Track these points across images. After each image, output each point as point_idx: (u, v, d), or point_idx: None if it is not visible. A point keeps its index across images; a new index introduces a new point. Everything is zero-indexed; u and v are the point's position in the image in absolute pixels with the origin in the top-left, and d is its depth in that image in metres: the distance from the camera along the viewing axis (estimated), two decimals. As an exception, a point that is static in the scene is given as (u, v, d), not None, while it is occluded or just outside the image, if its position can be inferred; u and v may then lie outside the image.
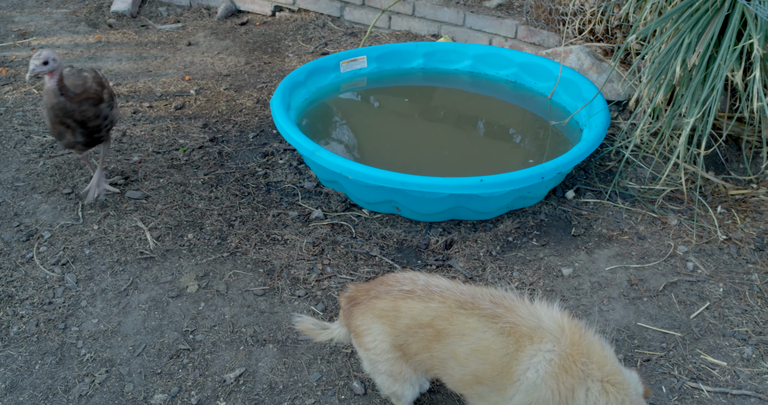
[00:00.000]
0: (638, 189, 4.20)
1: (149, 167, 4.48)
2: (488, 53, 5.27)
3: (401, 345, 2.40)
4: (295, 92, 4.72)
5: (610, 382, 2.19)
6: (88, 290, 3.49)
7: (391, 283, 2.47)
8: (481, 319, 2.27)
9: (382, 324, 2.41)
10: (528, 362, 2.20)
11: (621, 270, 3.60)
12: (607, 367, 2.20)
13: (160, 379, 3.01)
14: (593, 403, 2.18)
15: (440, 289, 2.38)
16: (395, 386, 2.52)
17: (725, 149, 4.41)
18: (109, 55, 6.17)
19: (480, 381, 2.30)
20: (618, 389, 2.18)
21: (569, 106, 4.77)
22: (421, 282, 2.43)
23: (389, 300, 2.41)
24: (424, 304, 2.35)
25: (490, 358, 2.24)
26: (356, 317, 2.49)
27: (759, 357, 3.08)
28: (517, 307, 2.30)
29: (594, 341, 2.26)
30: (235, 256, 3.71)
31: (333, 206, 4.08)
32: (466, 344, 2.27)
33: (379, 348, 2.44)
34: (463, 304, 2.32)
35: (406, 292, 2.40)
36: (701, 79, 3.86)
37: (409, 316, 2.36)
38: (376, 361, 2.48)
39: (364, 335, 2.46)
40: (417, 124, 4.80)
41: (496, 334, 2.24)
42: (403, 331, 2.37)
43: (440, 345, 2.32)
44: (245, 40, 6.53)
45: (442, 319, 2.31)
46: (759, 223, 3.89)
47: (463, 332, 2.28)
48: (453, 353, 2.30)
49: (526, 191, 3.77)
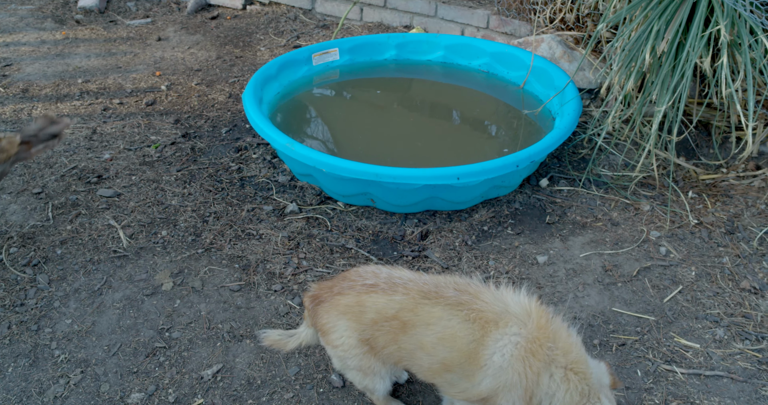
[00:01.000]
0: (611, 176, 4.24)
1: (121, 164, 4.42)
2: (460, 43, 5.27)
3: (368, 339, 2.39)
4: (267, 86, 4.69)
5: (573, 370, 2.21)
6: (61, 291, 3.44)
7: (354, 278, 2.46)
8: (445, 308, 2.28)
9: (348, 320, 2.41)
10: (494, 346, 2.22)
11: (595, 256, 3.63)
12: (571, 355, 2.22)
13: (136, 378, 2.99)
14: (554, 389, 2.20)
15: (403, 281, 2.39)
16: (366, 380, 2.52)
17: (696, 135, 4.46)
18: (77, 52, 6.06)
19: (449, 369, 2.31)
20: (580, 378, 2.20)
21: (542, 94, 4.79)
22: (384, 275, 2.43)
23: (353, 295, 2.40)
24: (388, 297, 2.35)
25: (457, 346, 2.25)
26: (321, 316, 2.48)
27: (731, 338, 3.13)
28: (482, 293, 2.31)
29: (561, 327, 2.28)
30: (210, 252, 3.68)
31: (308, 200, 4.07)
32: (432, 334, 2.28)
33: (346, 344, 2.43)
34: (427, 294, 2.32)
35: (369, 286, 2.39)
36: (671, 66, 3.90)
37: (374, 310, 2.35)
38: (344, 358, 2.48)
39: (330, 333, 2.46)
40: (391, 115, 4.79)
41: (461, 321, 2.25)
42: (369, 325, 2.37)
43: (407, 336, 2.32)
44: (216, 34, 6.46)
45: (407, 311, 2.31)
46: (729, 207, 3.94)
47: (428, 322, 2.29)
48: (420, 343, 2.31)
49: (501, 180, 3.79)
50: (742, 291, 3.38)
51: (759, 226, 3.78)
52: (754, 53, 3.65)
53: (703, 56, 3.80)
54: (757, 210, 3.91)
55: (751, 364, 3.00)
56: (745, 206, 3.94)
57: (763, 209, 3.91)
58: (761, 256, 3.59)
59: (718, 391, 2.88)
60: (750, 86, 3.62)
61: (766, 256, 3.58)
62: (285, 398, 2.88)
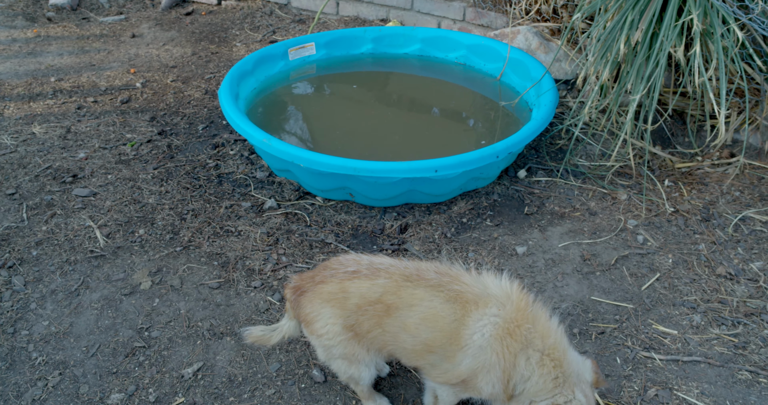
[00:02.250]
0: (588, 166, 4.26)
1: (96, 163, 4.37)
2: (437, 36, 5.27)
3: (353, 325, 2.40)
4: (243, 82, 4.65)
5: (549, 355, 2.23)
6: (38, 292, 3.40)
7: (335, 266, 2.47)
8: (427, 289, 2.31)
9: (332, 307, 2.41)
10: (474, 326, 2.25)
11: (574, 246, 3.65)
12: (549, 340, 2.25)
13: (116, 379, 2.96)
14: (529, 373, 2.23)
15: (385, 266, 2.41)
16: (351, 369, 2.52)
17: (671, 124, 4.50)
18: (49, 50, 5.98)
19: (431, 349, 2.33)
20: (555, 365, 2.22)
21: (518, 86, 4.81)
22: (365, 262, 2.45)
23: (336, 283, 2.41)
24: (371, 281, 2.37)
25: (439, 326, 2.28)
26: (305, 306, 2.48)
27: (707, 324, 3.17)
28: (463, 276, 2.35)
29: (541, 312, 2.30)
30: (188, 250, 3.65)
31: (286, 195, 4.05)
32: (415, 314, 2.30)
33: (331, 331, 2.43)
34: (409, 277, 2.35)
35: (352, 272, 2.41)
36: (645, 56, 3.93)
37: (357, 295, 2.37)
38: (329, 346, 2.48)
39: (315, 322, 2.45)
40: (368, 109, 4.77)
41: (443, 301, 2.28)
42: (354, 310, 2.38)
43: (390, 319, 2.34)
44: (191, 30, 6.40)
45: (390, 294, 2.33)
46: (704, 195, 3.99)
47: (411, 303, 2.31)
48: (403, 325, 2.33)
49: (479, 172, 3.79)
50: (718, 277, 3.42)
51: (734, 213, 3.83)
52: (726, 42, 3.68)
53: (676, 45, 3.83)
54: (731, 197, 3.95)
55: (728, 348, 3.04)
56: (720, 193, 3.98)
57: (737, 196, 3.95)
58: (736, 242, 3.63)
59: (695, 376, 2.91)
60: (722, 75, 3.66)
61: (741, 243, 3.63)
62: (266, 395, 2.87)
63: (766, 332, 3.10)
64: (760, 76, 4.03)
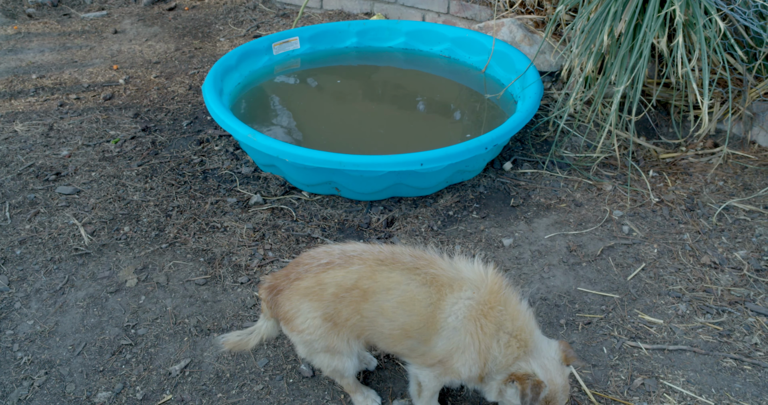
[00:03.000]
0: (574, 157, 4.28)
1: (80, 161, 4.33)
2: (421, 29, 5.26)
3: (332, 315, 2.41)
4: (227, 77, 4.62)
5: (516, 337, 2.28)
6: (22, 291, 3.37)
7: (308, 261, 2.47)
8: (403, 272, 2.33)
9: (310, 301, 2.41)
10: (449, 310, 2.28)
11: (560, 237, 3.67)
12: (518, 322, 2.29)
13: (102, 377, 2.94)
14: (499, 352, 2.28)
15: (358, 253, 2.42)
16: (335, 361, 2.52)
17: (655, 115, 4.52)
18: (30, 47, 5.91)
19: (408, 334, 2.35)
20: (520, 345, 2.28)
21: (503, 78, 4.81)
22: (337, 252, 2.45)
23: (311, 277, 2.42)
24: (345, 269, 2.38)
25: (416, 309, 2.30)
26: (283, 304, 2.47)
27: (692, 313, 3.19)
28: (437, 261, 2.38)
29: (512, 295, 2.35)
30: (174, 247, 3.63)
31: (272, 190, 4.03)
32: (392, 298, 2.32)
33: (312, 326, 2.43)
34: (384, 261, 2.37)
35: (325, 264, 2.42)
36: (629, 47, 3.94)
37: (333, 284, 2.38)
38: (311, 341, 2.48)
39: (294, 318, 2.45)
40: (354, 103, 4.76)
41: (419, 285, 2.31)
42: (331, 300, 2.38)
43: (368, 304, 2.35)
44: (174, 25, 6.35)
45: (365, 279, 2.34)
46: (689, 185, 4.01)
47: (388, 287, 2.33)
48: (381, 309, 2.34)
49: (464, 165, 3.80)
50: (703, 266, 3.45)
51: (718, 203, 3.85)
52: (709, 32, 3.70)
53: (659, 36, 3.84)
54: (715, 187, 3.98)
55: (713, 336, 3.06)
56: (704, 183, 4.01)
57: (721, 186, 3.98)
58: (720, 231, 3.66)
59: (681, 365, 2.94)
60: (705, 65, 3.68)
61: (725, 232, 3.66)
62: (255, 390, 2.86)
63: (751, 320, 3.13)
64: (742, 67, 4.05)
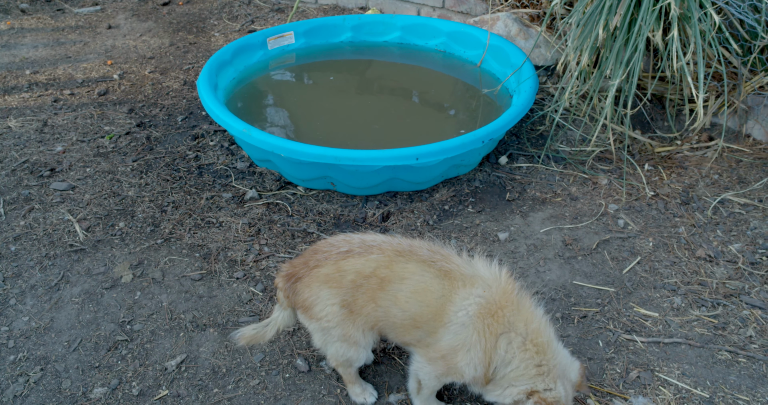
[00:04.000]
0: (569, 151, 4.28)
1: (74, 157, 4.32)
2: (416, 24, 5.25)
3: (349, 302, 2.42)
4: (222, 72, 4.61)
5: (532, 341, 2.25)
6: (17, 288, 3.36)
7: (327, 249, 2.48)
8: (419, 264, 2.34)
9: (330, 288, 2.43)
10: (460, 304, 2.28)
11: (555, 231, 3.67)
12: (533, 325, 2.27)
13: (98, 373, 2.94)
14: (511, 356, 2.25)
15: (377, 243, 2.44)
16: (351, 351, 2.54)
17: (650, 108, 4.52)
18: (23, 42, 5.88)
19: (417, 325, 2.36)
20: (538, 350, 2.25)
21: (499, 73, 4.80)
22: (357, 241, 2.47)
23: (330, 264, 2.43)
24: (365, 257, 2.40)
25: (427, 300, 2.31)
26: (302, 291, 2.47)
27: (688, 306, 3.20)
28: (454, 257, 2.39)
29: (526, 299, 2.33)
30: (169, 242, 3.62)
31: (267, 185, 4.02)
32: (406, 288, 2.33)
33: (330, 313, 2.45)
34: (402, 252, 2.38)
35: (345, 252, 2.43)
36: (624, 40, 3.94)
37: (353, 271, 2.39)
38: (329, 329, 2.49)
39: (314, 306, 2.46)
40: (349, 98, 4.75)
41: (433, 277, 2.32)
42: (350, 287, 2.40)
43: (383, 292, 2.37)
44: (168, 20, 6.32)
45: (383, 268, 2.36)
46: (684, 178, 4.02)
47: (403, 276, 2.34)
48: (395, 298, 2.35)
49: (460, 159, 3.79)
50: (698, 259, 3.45)
51: (713, 196, 3.86)
52: (704, 26, 3.70)
53: (654, 30, 3.84)
54: (710, 180, 3.99)
55: (708, 329, 3.07)
56: (699, 177, 4.02)
57: (716, 179, 3.99)
58: (715, 224, 3.67)
59: (676, 358, 2.95)
60: (700, 59, 3.68)
61: (720, 225, 3.66)
62: (251, 385, 2.86)
63: (745, 313, 3.14)
64: (737, 60, 4.05)
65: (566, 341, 3.03)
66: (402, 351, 3.00)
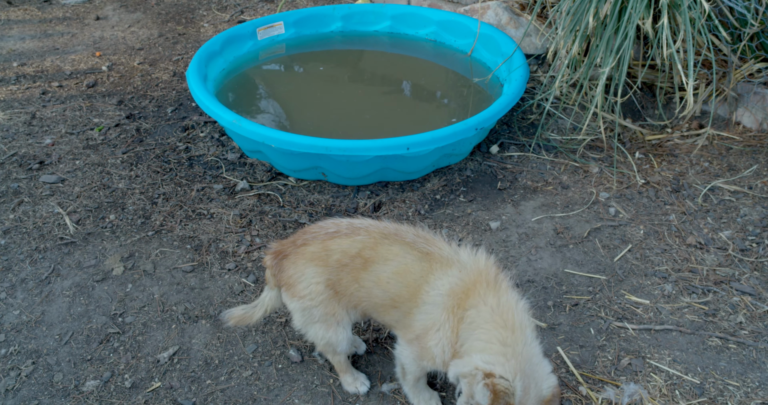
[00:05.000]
0: (560, 140, 4.28)
1: (63, 149, 4.29)
2: (407, 13, 5.22)
3: (334, 282, 2.44)
4: (211, 62, 4.58)
5: (502, 315, 2.11)
6: (7, 281, 3.34)
7: (315, 230, 2.50)
8: (403, 246, 2.35)
9: (315, 266, 2.44)
10: (434, 284, 2.28)
11: (547, 220, 3.68)
12: (506, 303, 2.15)
13: (90, 366, 2.93)
14: (477, 324, 2.13)
15: (364, 226, 2.46)
16: (329, 333, 2.54)
17: (641, 96, 4.53)
18: (10, 34, 5.82)
19: (395, 305, 2.37)
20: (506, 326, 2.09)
21: (489, 62, 4.79)
22: (345, 223, 2.49)
23: (317, 243, 2.45)
24: (351, 238, 2.42)
25: (407, 281, 2.32)
26: (287, 268, 2.49)
27: (678, 293, 3.22)
28: (439, 241, 2.39)
29: (505, 282, 2.24)
30: (160, 234, 3.61)
31: (258, 176, 4.01)
32: (389, 269, 2.35)
33: (314, 291, 2.46)
34: (387, 235, 2.40)
35: (332, 233, 2.45)
36: (614, 29, 3.93)
37: (339, 251, 2.41)
38: (310, 308, 2.49)
39: (297, 283, 2.47)
40: (339, 88, 4.73)
41: (415, 258, 2.33)
42: (335, 266, 2.42)
43: (366, 273, 2.38)
44: (157, 11, 6.27)
45: (368, 249, 2.38)
46: (674, 166, 4.03)
47: (387, 257, 2.35)
48: (377, 279, 2.37)
49: (451, 148, 3.79)
50: (689, 247, 3.47)
51: (703, 184, 3.87)
52: (693, 13, 3.70)
53: (644, 17, 3.83)
54: (701, 168, 4.00)
55: (698, 316, 3.09)
56: (689, 164, 4.03)
57: (706, 167, 4.00)
58: (705, 212, 3.68)
59: (667, 345, 2.96)
60: (690, 46, 3.68)
61: (710, 212, 3.68)
62: (244, 376, 2.86)
63: (735, 299, 3.16)
64: (726, 48, 4.06)
65: (558, 329, 3.04)
66: (395, 340, 3.01)
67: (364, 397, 2.77)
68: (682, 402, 2.72)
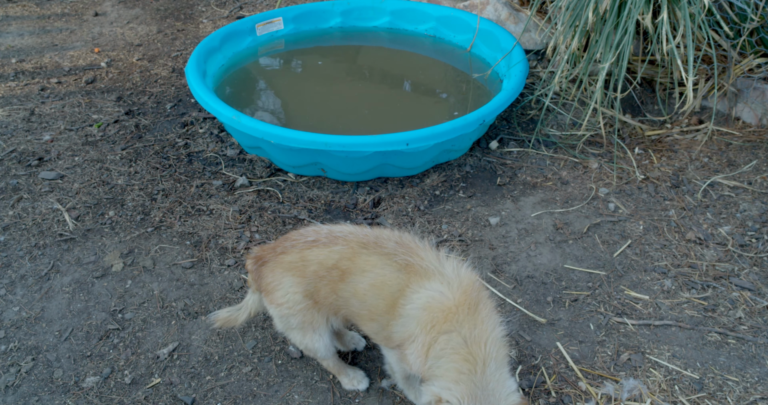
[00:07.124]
0: (559, 135, 4.28)
1: (62, 145, 4.28)
2: (406, 8, 5.21)
3: (312, 292, 2.42)
4: (210, 59, 4.57)
5: (470, 349, 2.08)
6: (6, 278, 3.34)
7: (296, 237, 2.48)
8: (381, 257, 2.29)
9: (292, 276, 2.42)
10: (411, 297, 2.20)
11: (546, 215, 3.68)
12: (476, 331, 2.10)
13: (90, 362, 2.93)
14: (444, 353, 2.11)
15: (344, 234, 2.41)
16: (306, 339, 2.54)
17: (640, 92, 4.52)
18: (9, 30, 5.81)
19: (372, 317, 2.33)
20: (470, 359, 2.07)
21: (489, 57, 4.78)
22: (324, 231, 2.46)
23: (296, 252, 2.43)
24: (329, 248, 2.38)
25: (383, 294, 2.27)
26: (266, 275, 2.49)
27: (678, 288, 3.22)
28: (422, 250, 2.30)
29: (486, 305, 2.19)
30: (160, 231, 3.61)
31: (258, 172, 4.01)
32: (366, 280, 2.31)
33: (291, 301, 2.45)
34: (366, 244, 2.35)
35: (311, 242, 2.42)
36: (614, 24, 3.92)
37: (316, 262, 2.38)
38: (288, 316, 2.49)
39: (275, 291, 2.46)
40: (339, 84, 4.73)
41: (394, 270, 2.26)
42: (312, 278, 2.39)
43: (344, 284, 2.35)
44: (156, 7, 6.25)
45: (345, 260, 2.34)
46: (674, 161, 4.03)
47: (364, 269, 2.31)
48: (354, 290, 2.33)
49: (450, 144, 3.79)
50: (688, 242, 3.47)
51: (702, 179, 3.87)
52: (693, 8, 3.69)
53: (644, 13, 3.83)
54: (700, 163, 4.00)
55: (698, 311, 3.09)
56: (689, 160, 4.03)
57: (706, 162, 4.00)
58: (705, 207, 3.68)
59: (667, 340, 2.97)
60: (689, 41, 3.67)
61: (709, 208, 3.68)
62: (243, 372, 2.87)
63: (735, 295, 3.16)
64: (726, 43, 4.05)
65: (558, 324, 3.05)
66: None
67: (363, 393, 2.77)
68: (681, 397, 2.72)
